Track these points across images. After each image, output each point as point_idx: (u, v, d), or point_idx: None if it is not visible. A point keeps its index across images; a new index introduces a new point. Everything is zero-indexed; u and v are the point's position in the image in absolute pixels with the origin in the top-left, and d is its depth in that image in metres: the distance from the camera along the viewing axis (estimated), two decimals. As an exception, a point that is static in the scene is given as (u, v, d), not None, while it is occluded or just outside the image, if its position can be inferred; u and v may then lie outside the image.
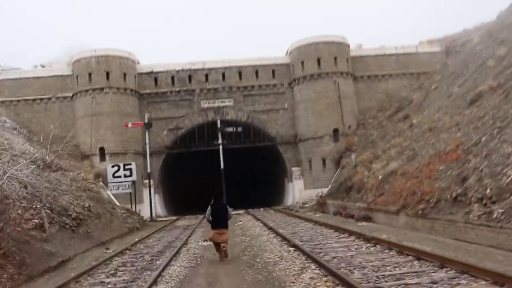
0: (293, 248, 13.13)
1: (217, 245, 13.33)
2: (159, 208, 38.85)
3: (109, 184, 33.10)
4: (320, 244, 13.78)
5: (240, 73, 41.02)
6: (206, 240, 17.63)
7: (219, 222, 13.14)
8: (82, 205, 21.67)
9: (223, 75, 40.85)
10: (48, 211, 17.70)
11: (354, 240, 13.96)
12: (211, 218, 13.22)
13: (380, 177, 22.58)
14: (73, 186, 24.60)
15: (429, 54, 41.77)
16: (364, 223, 18.61)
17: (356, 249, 12.27)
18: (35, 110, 38.73)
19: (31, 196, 17.84)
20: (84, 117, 37.26)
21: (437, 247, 11.22)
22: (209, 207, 13.28)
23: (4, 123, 35.05)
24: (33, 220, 16.29)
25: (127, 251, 16.68)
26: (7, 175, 14.94)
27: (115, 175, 33.53)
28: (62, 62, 40.66)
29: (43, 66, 40.73)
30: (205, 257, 14.14)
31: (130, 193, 33.06)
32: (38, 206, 17.09)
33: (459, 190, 14.02)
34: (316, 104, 39.01)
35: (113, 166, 33.84)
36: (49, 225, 16.86)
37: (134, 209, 32.19)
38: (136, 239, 20.32)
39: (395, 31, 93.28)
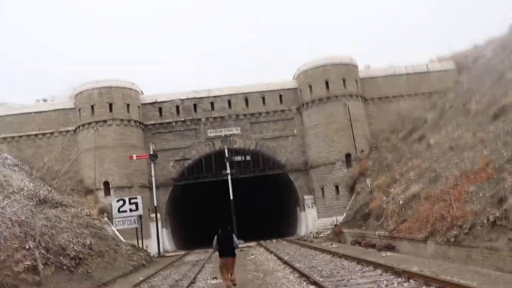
0: (313, 286, 11.55)
1: (225, 274, 13.56)
2: (167, 242, 37.24)
3: (114, 220, 31.66)
4: (343, 280, 12.19)
5: (246, 100, 39.88)
6: (215, 278, 16.09)
7: (226, 251, 13.57)
8: (82, 243, 20.21)
9: (229, 102, 39.71)
10: (43, 252, 16.28)
11: (381, 274, 12.36)
12: (218, 248, 13.67)
13: (400, 202, 20.99)
14: (74, 223, 23.17)
15: (440, 72, 40.52)
16: (387, 253, 16.97)
17: (386, 286, 10.67)
18: (38, 145, 37.54)
19: (25, 235, 16.49)
20: (87, 151, 36.05)
21: (484, 282, 9.62)
22: (216, 237, 13.75)
23: (5, 160, 33.90)
24: (25, 262, 14.88)
25: (130, 293, 15.16)
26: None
27: (121, 209, 32.07)
28: (64, 96, 39.74)
29: (45, 100, 39.79)
30: (214, 299, 12.61)
31: (136, 228, 31.56)
32: (31, 246, 15.67)
33: (497, 213, 12.47)
34: (326, 129, 37.65)
35: (118, 201, 32.41)
36: (43, 267, 15.43)
37: (141, 245, 30.69)
38: (141, 278, 18.77)
39: (403, 48, 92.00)
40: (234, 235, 14.09)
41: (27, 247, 15.66)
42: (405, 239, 17.62)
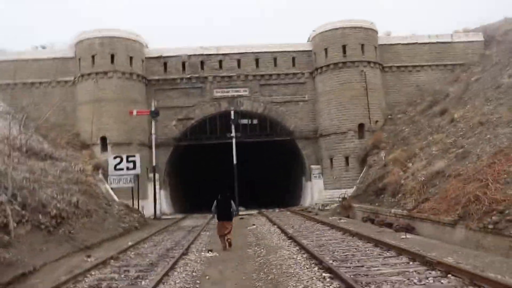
0: (328, 274, 9.55)
1: (222, 236, 14.96)
2: (164, 205, 35.50)
3: (109, 177, 29.78)
4: (362, 267, 10.21)
5: (257, 61, 37.42)
6: (210, 251, 14.20)
7: (224, 215, 14.87)
8: (68, 200, 18.36)
9: (239, 62, 37.29)
10: (18, 208, 14.37)
11: (408, 263, 10.33)
12: (216, 211, 15.02)
13: (422, 179, 18.91)
14: (62, 178, 21.39)
15: (465, 43, 37.80)
16: (407, 236, 14.95)
17: (420, 281, 8.65)
18: (34, 94, 35.47)
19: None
20: (85, 103, 34.04)
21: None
22: (215, 201, 15.09)
23: (-3, 108, 31.91)
24: (-6, 219, 13.01)
25: (112, 261, 13.26)
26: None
27: (117, 167, 30.19)
28: (65, 44, 37.40)
29: (43, 48, 37.52)
30: (207, 277, 10.69)
31: (132, 188, 29.74)
32: (3, 200, 13.76)
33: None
34: (340, 96, 35.31)
35: (115, 158, 30.49)
36: (16, 225, 13.55)
37: (137, 206, 28.94)
38: (130, 243, 16.93)
39: (426, 20, 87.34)
40: (232, 201, 15.34)
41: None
42: (428, 220, 15.57)
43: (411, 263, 10.27)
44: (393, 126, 33.84)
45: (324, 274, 9.55)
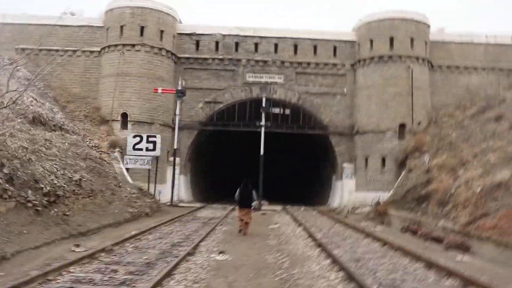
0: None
1: (241, 221, 16.15)
2: (183, 191, 33.25)
3: (125, 157, 27.67)
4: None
5: (295, 47, 34.69)
6: (222, 253, 11.74)
7: (244, 203, 16.10)
8: (69, 177, 16.19)
9: (276, 46, 34.62)
10: (1, 181, 12.16)
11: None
12: (238, 198, 16.15)
13: (478, 190, 16.08)
14: (69, 152, 19.22)
15: (527, 47, 34.38)
16: (463, 257, 12.24)
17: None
18: (57, 63, 33.57)
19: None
20: (109, 76, 31.94)
21: None
22: (238, 190, 16.23)
23: (15, 72, 29.96)
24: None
25: (102, 255, 10.95)
26: None
27: (136, 147, 28.07)
28: (95, 12, 35.48)
29: (72, 14, 35.50)
30: (213, 291, 8.25)
31: (149, 170, 27.59)
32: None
33: None
34: (382, 92, 32.40)
35: (134, 136, 28.37)
36: (-5, 201, 11.34)
37: (153, 190, 26.79)
38: (133, 232, 14.64)
39: (484, 22, 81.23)
40: (254, 191, 16.56)
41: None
42: (490, 240, 12.82)
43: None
44: (437, 130, 30.78)
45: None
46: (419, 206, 20.85)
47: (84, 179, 16.96)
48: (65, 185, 15.18)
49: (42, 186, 13.68)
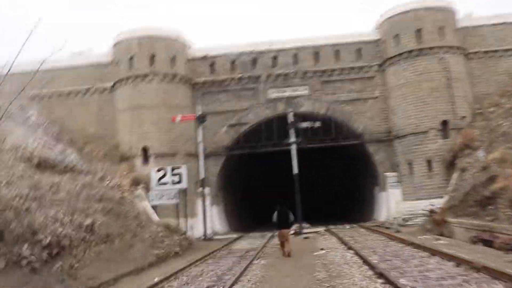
0: None
1: (282, 244, 16.67)
2: (217, 223, 31.03)
3: (150, 193, 25.64)
4: None
5: (316, 54, 32.52)
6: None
7: (283, 224, 16.65)
8: (79, 223, 14.06)
9: (295, 57, 32.51)
10: (-11, 238, 10.08)
11: None
12: (277, 220, 16.71)
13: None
14: (81, 194, 17.16)
15: None
16: None
17: None
18: (70, 104, 32.22)
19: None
20: (124, 111, 30.38)
21: None
22: (276, 212, 16.84)
23: (27, 119, 28.49)
24: None
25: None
26: None
27: (161, 181, 26.02)
28: (103, 50, 34.01)
29: (80, 54, 34.22)
30: None
31: (177, 205, 25.47)
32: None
33: None
34: (417, 89, 29.81)
35: (158, 170, 26.29)
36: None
37: (184, 226, 24.64)
38: (156, 280, 12.37)
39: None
40: (290, 212, 17.06)
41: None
42: None
43: None
44: (485, 122, 27.97)
45: None
46: (483, 210, 18.03)
47: (97, 223, 14.85)
48: (73, 232, 13.10)
49: (42, 237, 11.58)
